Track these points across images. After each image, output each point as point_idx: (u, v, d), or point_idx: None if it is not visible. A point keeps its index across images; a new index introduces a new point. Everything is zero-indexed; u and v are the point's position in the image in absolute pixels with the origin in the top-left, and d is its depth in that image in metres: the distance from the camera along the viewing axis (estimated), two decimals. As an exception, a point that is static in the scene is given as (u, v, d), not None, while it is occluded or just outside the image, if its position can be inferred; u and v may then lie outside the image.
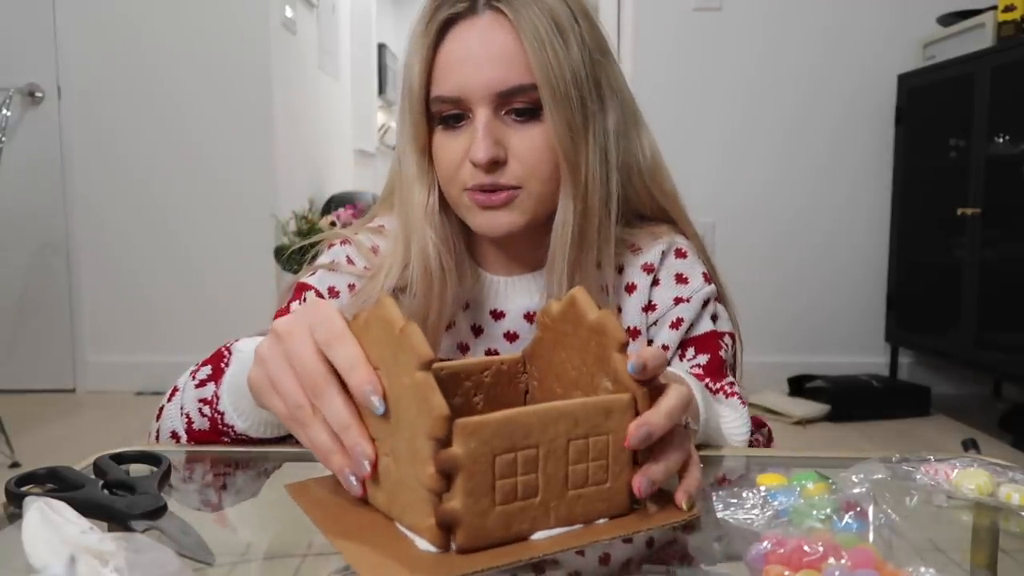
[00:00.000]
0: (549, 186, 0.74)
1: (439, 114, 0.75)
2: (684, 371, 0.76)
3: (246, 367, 0.58)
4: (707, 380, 0.79)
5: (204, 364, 0.70)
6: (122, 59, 3.06)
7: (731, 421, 0.74)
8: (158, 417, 0.72)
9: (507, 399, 0.56)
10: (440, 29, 0.73)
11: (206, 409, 0.67)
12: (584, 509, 0.47)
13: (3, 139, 2.62)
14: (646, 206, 0.84)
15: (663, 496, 0.51)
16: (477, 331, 0.83)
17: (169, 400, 0.71)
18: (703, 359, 0.81)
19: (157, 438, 0.71)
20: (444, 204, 0.78)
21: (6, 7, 3.02)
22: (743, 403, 0.78)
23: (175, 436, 0.69)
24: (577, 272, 0.76)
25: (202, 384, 0.68)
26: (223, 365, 0.67)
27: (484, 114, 0.72)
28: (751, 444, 0.77)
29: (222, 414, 0.66)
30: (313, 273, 0.83)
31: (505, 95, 0.72)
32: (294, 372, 0.49)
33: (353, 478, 0.48)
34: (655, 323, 0.83)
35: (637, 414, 0.48)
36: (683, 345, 0.82)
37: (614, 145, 0.77)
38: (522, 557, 0.43)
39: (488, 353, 0.83)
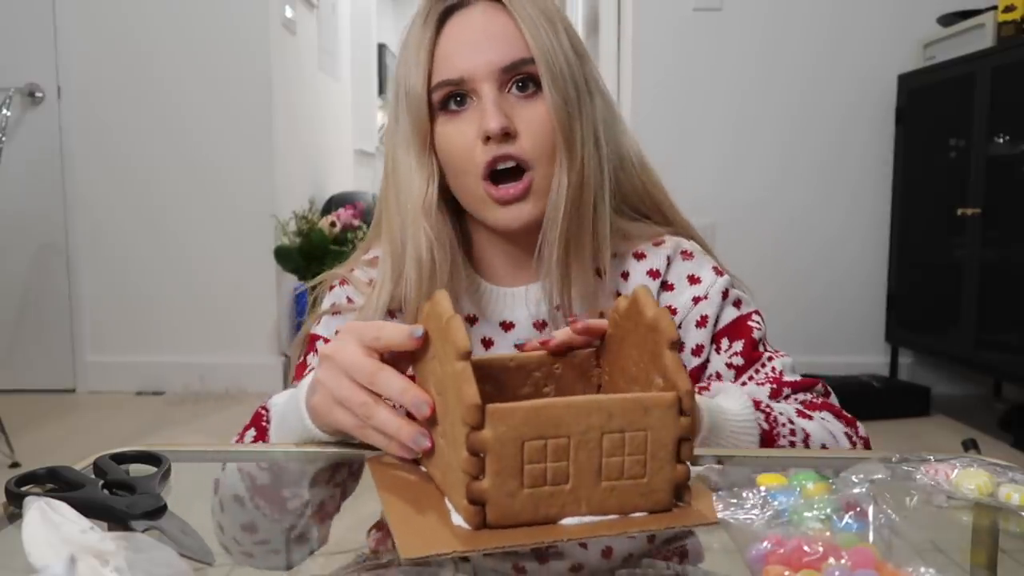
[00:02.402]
0: (553, 167, 0.76)
1: (440, 100, 0.76)
2: (723, 364, 0.81)
3: (287, 416, 0.63)
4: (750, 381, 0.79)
5: (247, 429, 0.72)
6: (122, 59, 3.06)
7: (729, 407, 0.69)
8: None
9: (578, 392, 0.59)
10: (439, 21, 0.76)
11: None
12: (619, 501, 0.48)
13: (3, 139, 2.62)
14: (639, 196, 0.85)
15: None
16: (488, 344, 0.83)
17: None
18: (738, 346, 0.82)
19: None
20: (443, 202, 0.78)
21: (6, 7, 3.02)
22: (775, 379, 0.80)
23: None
24: (573, 260, 0.76)
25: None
26: (264, 424, 0.70)
27: (490, 90, 0.74)
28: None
29: None
30: (319, 322, 0.84)
31: (508, 69, 0.74)
32: (350, 378, 0.53)
33: (421, 438, 0.52)
34: (680, 326, 0.83)
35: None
36: (715, 339, 0.83)
37: (603, 134, 0.79)
38: (546, 538, 0.45)
39: None
